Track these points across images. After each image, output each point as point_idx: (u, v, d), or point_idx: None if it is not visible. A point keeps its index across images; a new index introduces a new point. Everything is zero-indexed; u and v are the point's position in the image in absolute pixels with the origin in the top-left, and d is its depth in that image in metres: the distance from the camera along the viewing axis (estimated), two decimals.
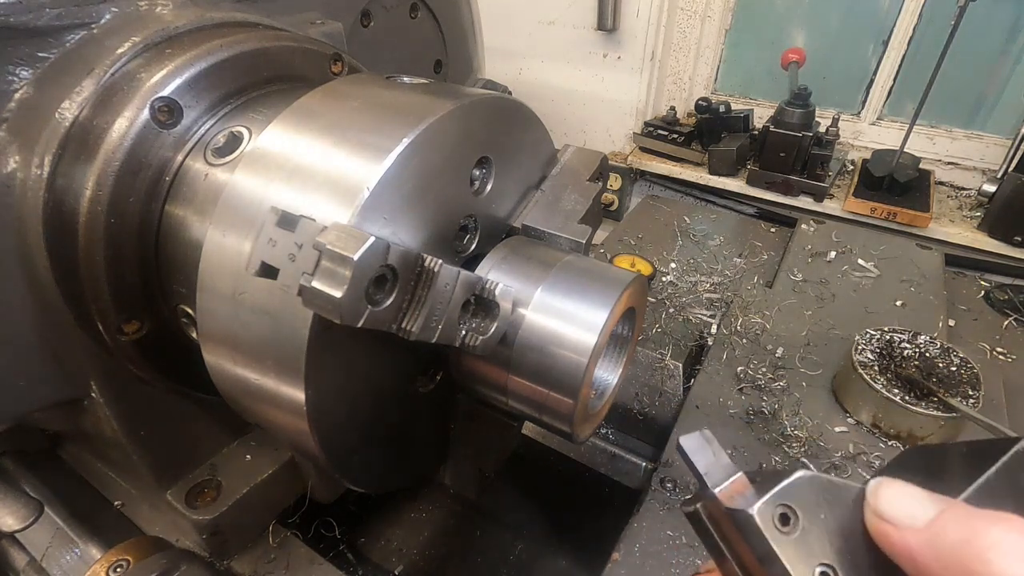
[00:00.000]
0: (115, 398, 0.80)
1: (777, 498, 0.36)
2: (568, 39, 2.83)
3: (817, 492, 0.36)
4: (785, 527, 0.35)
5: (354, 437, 0.65)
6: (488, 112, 0.65)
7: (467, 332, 0.58)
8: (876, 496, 0.35)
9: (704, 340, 1.36)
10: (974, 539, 0.30)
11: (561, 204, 0.75)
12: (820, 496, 0.36)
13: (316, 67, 0.82)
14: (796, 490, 0.36)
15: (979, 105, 2.46)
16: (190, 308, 0.71)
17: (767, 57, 2.70)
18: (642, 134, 2.79)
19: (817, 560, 0.34)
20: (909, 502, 0.33)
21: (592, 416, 0.71)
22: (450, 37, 1.31)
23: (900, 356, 1.13)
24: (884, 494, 0.34)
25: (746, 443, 1.09)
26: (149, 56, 0.69)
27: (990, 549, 0.29)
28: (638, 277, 0.67)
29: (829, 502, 0.36)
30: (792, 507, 0.35)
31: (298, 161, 0.57)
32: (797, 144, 2.33)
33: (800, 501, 0.36)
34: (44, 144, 0.66)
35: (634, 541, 0.92)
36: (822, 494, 0.36)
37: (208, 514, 0.89)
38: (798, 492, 0.36)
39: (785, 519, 0.35)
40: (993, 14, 2.26)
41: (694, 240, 1.78)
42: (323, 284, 0.43)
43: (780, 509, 0.35)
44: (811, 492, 0.36)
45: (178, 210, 0.70)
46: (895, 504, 0.34)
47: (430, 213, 0.60)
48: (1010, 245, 2.14)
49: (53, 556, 0.94)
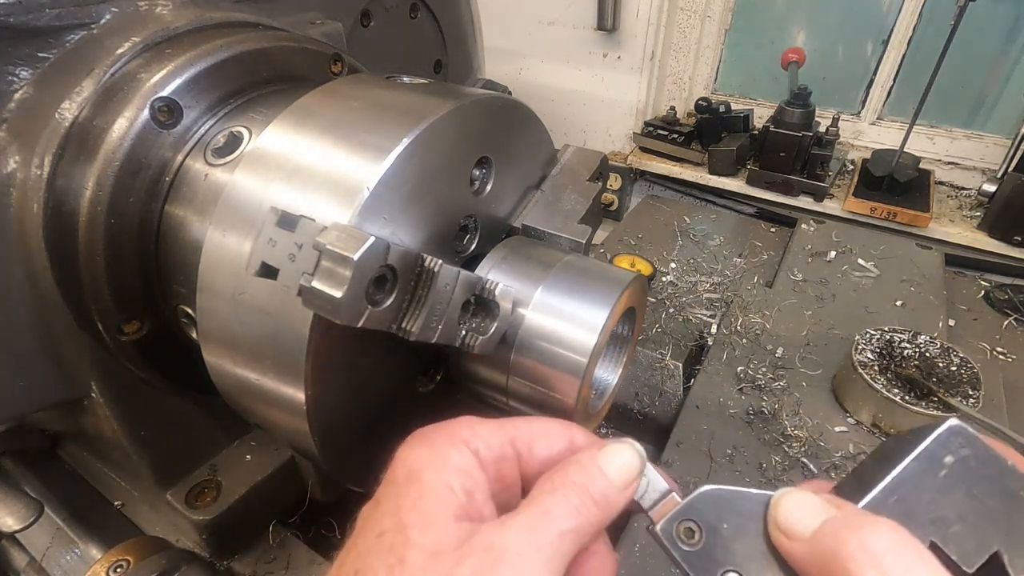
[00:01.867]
0: (115, 398, 0.80)
1: (681, 515, 0.40)
2: (568, 39, 2.83)
3: (720, 505, 0.39)
4: (691, 540, 0.39)
5: (354, 437, 0.65)
6: (488, 112, 0.65)
7: (467, 332, 0.58)
8: (776, 507, 0.37)
9: (704, 340, 1.36)
10: (840, 548, 0.32)
11: (561, 204, 0.75)
12: (723, 508, 0.39)
13: (316, 67, 0.82)
14: (700, 505, 0.40)
15: (979, 105, 2.46)
16: (190, 308, 0.71)
17: (767, 57, 2.70)
18: (642, 134, 2.79)
19: (720, 568, 0.38)
20: (802, 513, 0.36)
21: (592, 416, 0.71)
22: (450, 37, 1.31)
23: (900, 356, 1.13)
24: (783, 504, 0.37)
25: (746, 443, 1.09)
26: (149, 56, 0.69)
27: (851, 558, 0.31)
28: (638, 277, 0.67)
29: (735, 512, 0.39)
30: (696, 521, 0.39)
31: (298, 161, 0.57)
32: (797, 144, 2.33)
33: (703, 515, 0.39)
34: (44, 144, 0.66)
35: (634, 541, 0.92)
36: (726, 506, 0.39)
37: (208, 514, 0.89)
38: (701, 507, 0.40)
39: (690, 533, 0.39)
40: (993, 14, 2.26)
41: (694, 240, 1.78)
42: (323, 284, 0.43)
43: (685, 524, 0.39)
44: (714, 506, 0.39)
45: (178, 210, 0.70)
46: (791, 515, 0.36)
47: (430, 213, 0.60)
48: (1010, 245, 2.14)
49: (53, 556, 0.94)
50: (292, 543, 0.99)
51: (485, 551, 0.34)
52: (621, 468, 0.40)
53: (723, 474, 1.03)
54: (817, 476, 1.02)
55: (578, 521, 0.37)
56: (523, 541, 0.34)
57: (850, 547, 0.31)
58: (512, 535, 0.35)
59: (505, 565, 0.33)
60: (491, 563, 0.33)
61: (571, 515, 0.37)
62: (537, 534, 0.35)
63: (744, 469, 1.04)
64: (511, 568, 0.33)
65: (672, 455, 1.07)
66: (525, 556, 0.34)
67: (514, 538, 0.34)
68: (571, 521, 0.37)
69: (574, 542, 0.36)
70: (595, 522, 0.38)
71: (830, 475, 1.03)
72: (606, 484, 0.39)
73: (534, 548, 0.34)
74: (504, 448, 0.41)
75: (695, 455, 1.07)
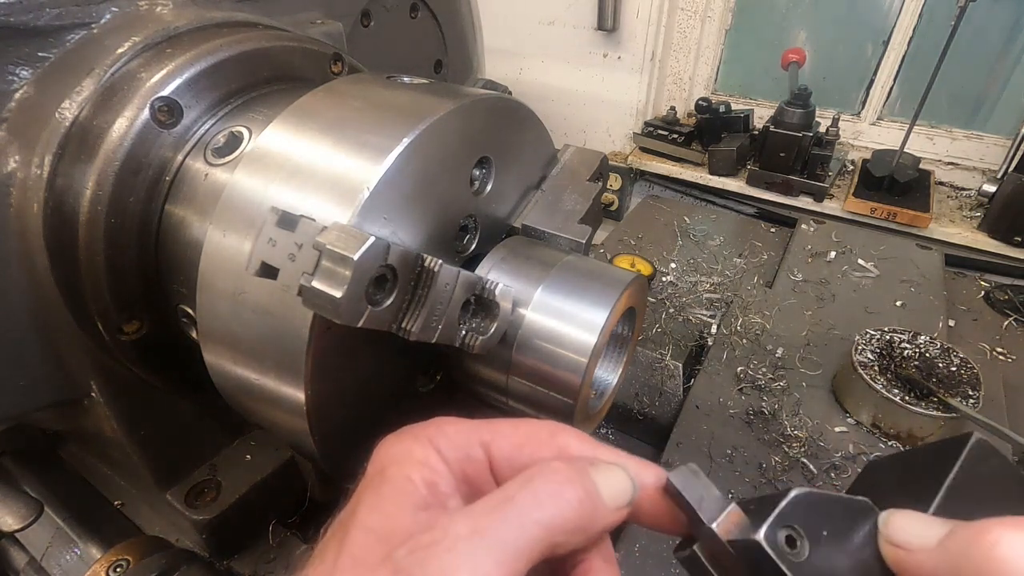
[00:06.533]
0: (115, 398, 0.80)
1: (779, 521, 0.34)
2: (568, 39, 2.83)
3: (815, 509, 0.35)
4: (793, 550, 0.34)
5: (354, 437, 0.65)
6: (488, 112, 0.65)
7: (467, 332, 0.58)
8: (887, 525, 0.36)
9: (704, 340, 1.36)
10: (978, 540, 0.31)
11: (561, 204, 0.75)
12: (818, 512, 0.35)
13: (316, 67, 0.82)
14: (795, 510, 0.35)
15: (979, 105, 2.46)
16: (190, 308, 0.71)
17: (767, 57, 2.70)
18: (642, 134, 2.79)
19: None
20: (920, 527, 0.35)
21: (592, 416, 0.71)
22: (450, 37, 1.31)
23: (900, 356, 1.13)
24: (894, 523, 0.36)
25: (746, 443, 1.09)
26: (149, 56, 0.69)
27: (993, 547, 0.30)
28: (638, 277, 0.67)
29: (827, 516, 0.36)
30: (796, 528, 0.35)
31: (298, 161, 0.57)
32: (797, 144, 2.33)
33: (801, 521, 0.35)
34: (44, 144, 0.66)
35: (634, 541, 0.92)
36: (819, 510, 0.36)
37: (208, 514, 0.89)
38: (797, 512, 0.35)
39: (791, 541, 0.34)
40: (993, 14, 2.27)
41: (694, 240, 1.78)
42: (323, 284, 0.43)
43: (784, 532, 0.34)
44: (809, 510, 0.35)
45: (178, 210, 0.70)
46: (906, 529, 0.35)
47: (430, 213, 0.60)
48: (1010, 245, 2.14)
49: (53, 556, 0.94)
50: (292, 543, 0.99)
51: (428, 533, 0.32)
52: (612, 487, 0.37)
53: (723, 474, 1.03)
54: (817, 476, 1.02)
55: (547, 514, 0.34)
56: (472, 526, 0.32)
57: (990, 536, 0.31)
58: (461, 519, 0.32)
59: (443, 548, 0.31)
60: (429, 545, 0.31)
61: (538, 505, 0.34)
62: (490, 519, 0.32)
63: (744, 469, 1.04)
64: (448, 552, 0.31)
65: (672, 455, 1.07)
66: (469, 541, 0.31)
67: (463, 523, 0.32)
68: (537, 513, 0.33)
69: (539, 538, 0.33)
70: (572, 522, 0.34)
71: (830, 475, 1.03)
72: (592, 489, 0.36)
73: (482, 534, 0.32)
74: (471, 449, 0.39)
75: (695, 455, 1.06)
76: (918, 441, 1.06)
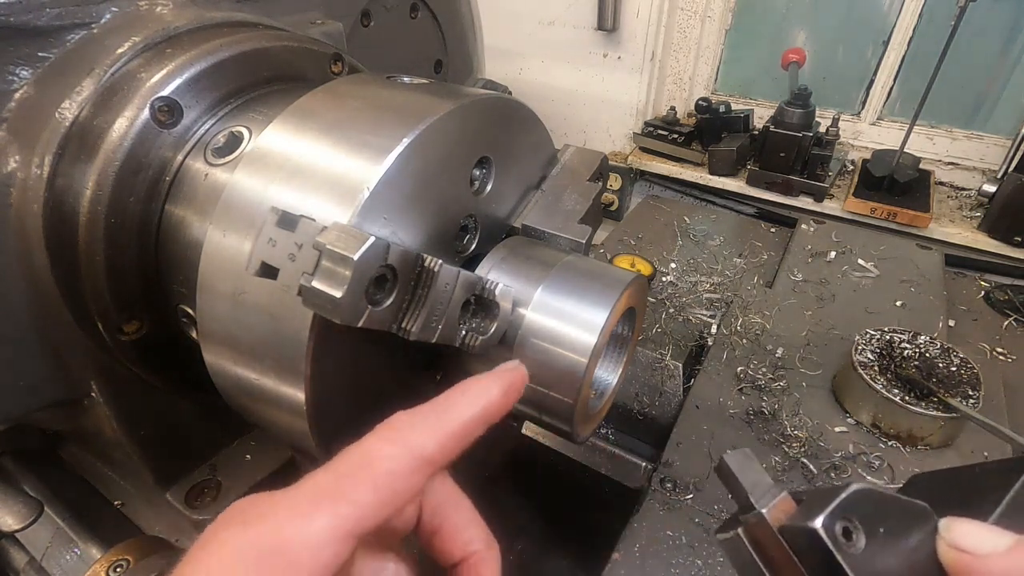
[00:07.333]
0: (115, 398, 0.80)
1: (838, 511, 0.34)
2: (568, 39, 2.83)
3: (873, 506, 0.35)
4: (848, 541, 0.34)
5: (354, 437, 0.65)
6: (488, 112, 0.65)
7: (467, 332, 0.58)
8: (950, 530, 0.37)
9: (704, 340, 1.36)
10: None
11: (561, 204, 0.75)
12: (876, 509, 0.35)
13: (316, 67, 0.82)
14: (855, 503, 0.35)
15: (979, 105, 2.46)
16: (190, 308, 0.71)
17: (767, 57, 2.70)
18: (642, 134, 2.79)
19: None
20: (987, 534, 0.36)
21: (592, 416, 0.71)
22: (450, 37, 1.31)
23: (900, 356, 1.13)
24: (959, 528, 0.37)
25: (746, 443, 1.09)
26: (149, 56, 0.69)
27: None
28: (638, 277, 0.67)
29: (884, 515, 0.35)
30: (853, 520, 0.34)
31: (298, 161, 0.57)
32: (797, 144, 2.33)
33: (859, 515, 0.34)
34: (44, 144, 0.66)
35: (634, 541, 0.92)
36: (877, 507, 0.35)
37: (208, 514, 0.89)
38: (856, 505, 0.35)
39: (848, 533, 0.34)
40: (993, 14, 2.26)
41: (694, 240, 1.78)
42: (323, 284, 0.43)
43: (842, 523, 0.34)
44: (868, 505, 0.35)
45: (178, 210, 0.70)
46: (972, 535, 0.36)
47: (430, 213, 0.60)
48: (1010, 245, 2.14)
49: (53, 556, 0.94)
50: None
51: None
52: None
53: None
54: (817, 476, 1.02)
55: None
56: None
57: None
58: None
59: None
60: None
61: None
62: None
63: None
64: None
65: (672, 455, 1.07)
66: None
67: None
68: None
69: None
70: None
71: (830, 475, 1.03)
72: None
73: None
74: None
75: (695, 455, 1.07)
76: (918, 441, 1.06)
